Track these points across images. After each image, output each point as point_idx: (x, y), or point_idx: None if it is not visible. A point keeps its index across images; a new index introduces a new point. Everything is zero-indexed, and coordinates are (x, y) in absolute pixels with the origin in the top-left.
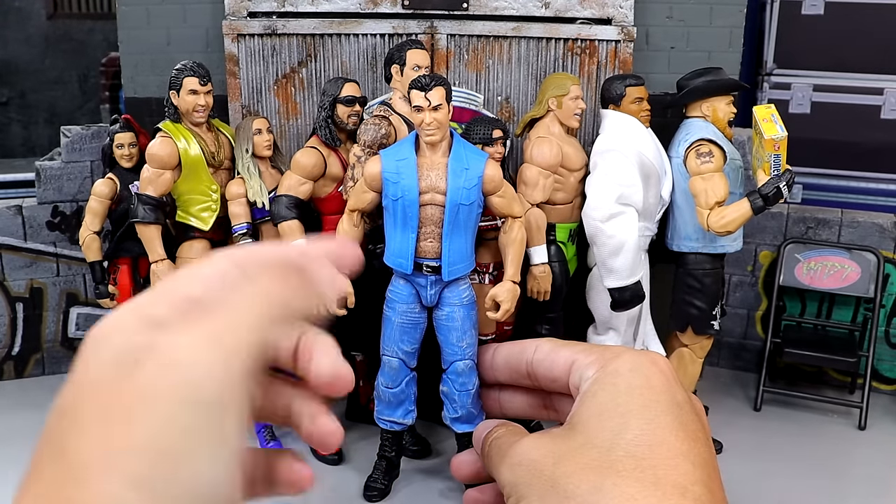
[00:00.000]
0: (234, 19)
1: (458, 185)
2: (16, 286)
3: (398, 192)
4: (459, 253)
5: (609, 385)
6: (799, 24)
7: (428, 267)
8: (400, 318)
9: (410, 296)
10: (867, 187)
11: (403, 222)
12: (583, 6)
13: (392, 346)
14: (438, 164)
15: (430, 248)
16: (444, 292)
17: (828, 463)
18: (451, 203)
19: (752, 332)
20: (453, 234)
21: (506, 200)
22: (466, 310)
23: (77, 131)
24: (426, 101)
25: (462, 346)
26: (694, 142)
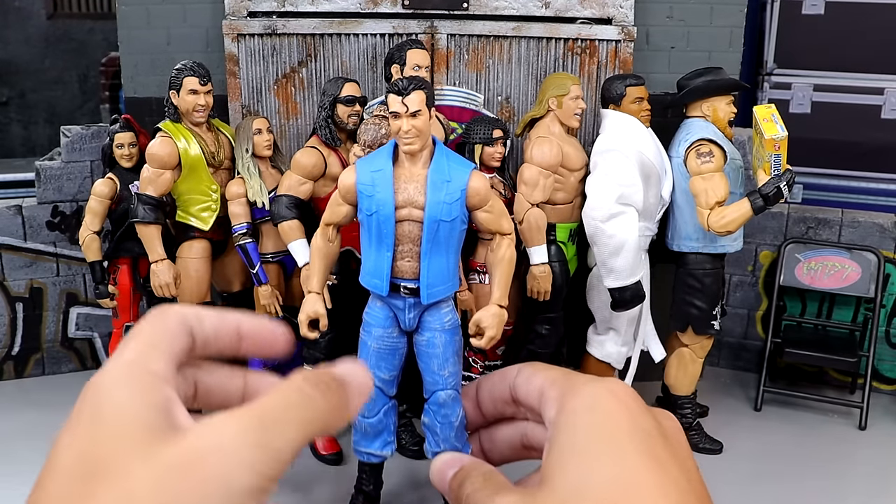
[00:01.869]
0: (234, 19)
1: (438, 200)
2: (16, 286)
3: (373, 207)
4: (440, 274)
5: (568, 427)
6: (799, 24)
7: (405, 288)
8: (377, 343)
9: (388, 319)
10: (868, 187)
11: (378, 239)
12: (583, 6)
13: None
14: (417, 176)
15: (408, 268)
16: (424, 316)
17: (828, 463)
18: (429, 219)
19: (752, 332)
20: (433, 254)
21: (493, 216)
22: (449, 335)
23: (77, 131)
24: (403, 107)
25: (444, 375)
26: (694, 142)
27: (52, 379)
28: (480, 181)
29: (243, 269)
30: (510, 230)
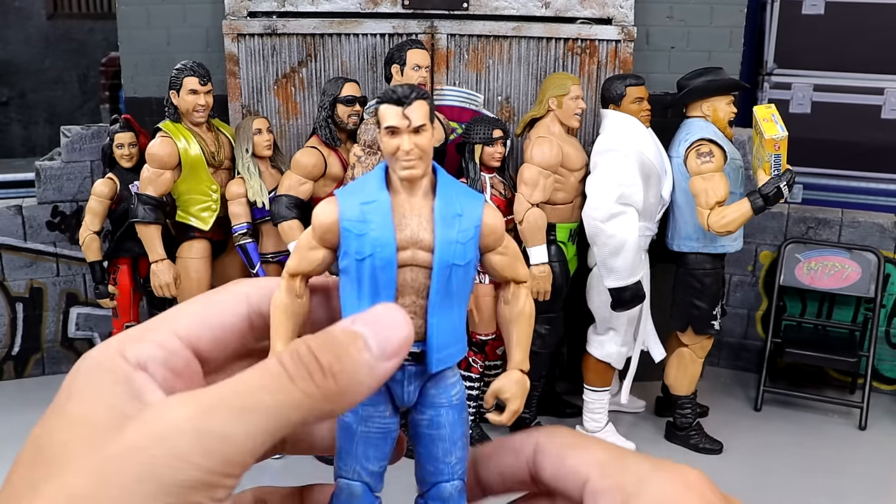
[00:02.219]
0: (234, 19)
1: (450, 238)
2: (16, 286)
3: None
4: (451, 333)
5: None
6: (799, 24)
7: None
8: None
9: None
10: (868, 187)
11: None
12: (583, 6)
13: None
14: (420, 209)
15: None
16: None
17: (828, 463)
18: (440, 263)
19: (752, 332)
20: (443, 307)
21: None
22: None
23: (77, 131)
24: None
25: (450, 463)
26: (694, 142)
27: (52, 379)
28: (496, 216)
29: (243, 269)
30: (526, 276)
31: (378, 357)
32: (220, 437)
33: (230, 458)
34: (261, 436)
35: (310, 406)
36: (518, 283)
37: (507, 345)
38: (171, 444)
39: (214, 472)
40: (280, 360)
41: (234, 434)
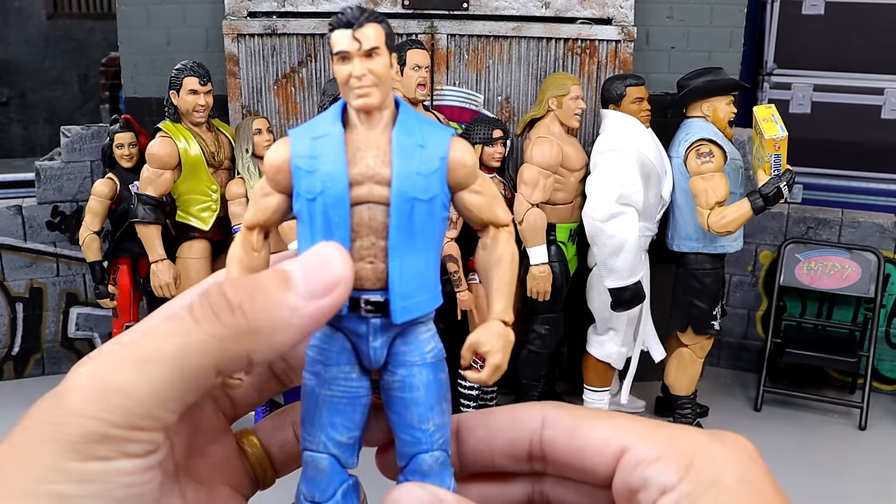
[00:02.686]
0: (234, 19)
1: (409, 170)
2: (16, 286)
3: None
4: (417, 278)
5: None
6: (799, 24)
7: (368, 303)
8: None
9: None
10: (867, 187)
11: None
12: (583, 6)
13: (318, 435)
14: (378, 143)
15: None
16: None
17: (828, 463)
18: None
19: (752, 332)
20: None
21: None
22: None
23: (77, 131)
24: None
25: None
26: (694, 142)
27: (52, 379)
28: (466, 150)
29: None
30: (507, 220)
31: (304, 295)
32: (118, 391)
33: (132, 411)
34: (163, 386)
35: (218, 348)
36: (498, 227)
37: (487, 293)
38: (72, 400)
39: (118, 425)
40: (189, 305)
41: (132, 386)
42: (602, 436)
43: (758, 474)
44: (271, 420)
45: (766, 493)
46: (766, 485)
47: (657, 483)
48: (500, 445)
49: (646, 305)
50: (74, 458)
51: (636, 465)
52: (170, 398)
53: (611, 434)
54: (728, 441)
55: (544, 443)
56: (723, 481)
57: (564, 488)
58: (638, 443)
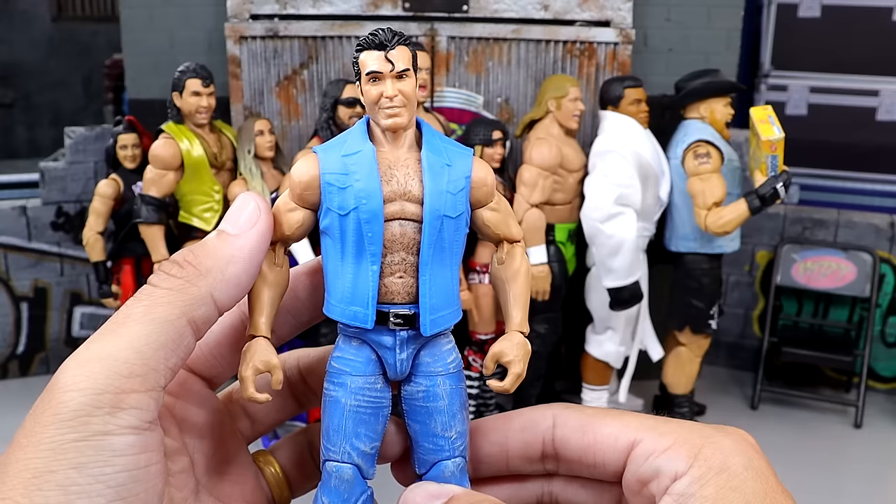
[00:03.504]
0: (237, 22)
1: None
2: (20, 286)
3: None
4: (444, 293)
5: (732, 492)
6: (795, 27)
7: (397, 316)
8: (354, 399)
9: (370, 363)
10: (863, 188)
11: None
12: (582, 8)
13: (341, 445)
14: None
15: (400, 288)
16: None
17: (824, 461)
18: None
19: (749, 331)
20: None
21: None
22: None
23: (81, 132)
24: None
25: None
26: (692, 143)
27: None
28: (486, 169)
29: None
30: (521, 235)
31: (235, 232)
32: (98, 358)
33: (116, 372)
34: (139, 342)
35: (180, 297)
36: (512, 243)
37: (504, 306)
38: (60, 381)
39: (105, 391)
40: (149, 279)
41: (112, 350)
42: (612, 431)
43: (762, 463)
44: (288, 441)
45: (771, 481)
46: (770, 473)
47: (668, 471)
48: (515, 447)
49: (644, 305)
50: (71, 436)
51: (647, 457)
52: (150, 353)
53: (620, 429)
54: (732, 433)
55: (556, 441)
56: (731, 467)
57: (573, 488)
58: (647, 435)
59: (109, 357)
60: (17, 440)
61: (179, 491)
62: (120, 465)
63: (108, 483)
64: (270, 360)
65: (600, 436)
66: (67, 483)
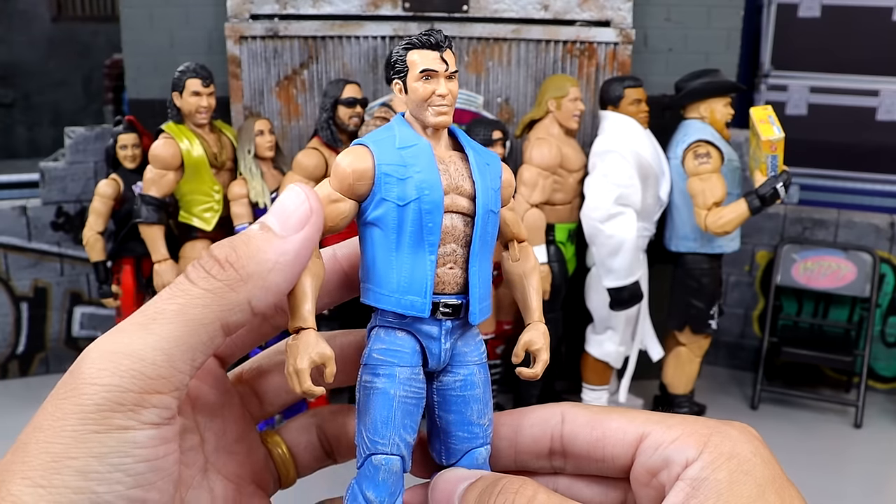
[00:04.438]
0: (237, 21)
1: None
2: (20, 286)
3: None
4: (487, 283)
5: (744, 475)
6: (795, 27)
7: (446, 306)
8: (402, 390)
9: (415, 354)
10: (863, 188)
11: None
12: (582, 8)
13: (391, 437)
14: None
15: (451, 279)
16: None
17: (824, 461)
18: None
19: (749, 331)
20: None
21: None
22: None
23: (81, 132)
24: (442, 64)
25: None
26: (692, 143)
27: (56, 378)
28: (510, 171)
29: None
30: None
31: (282, 234)
32: (126, 354)
33: (144, 373)
34: (169, 344)
35: (217, 301)
36: (521, 241)
37: (525, 299)
38: (85, 372)
39: (131, 390)
40: (183, 272)
41: (140, 348)
42: (620, 426)
43: (768, 452)
44: (296, 422)
45: (777, 469)
46: (775, 462)
47: (679, 459)
48: (524, 442)
49: (644, 305)
50: (93, 428)
51: (657, 448)
52: (179, 356)
53: (628, 424)
54: (737, 425)
55: (565, 437)
56: (740, 453)
57: (579, 486)
58: (655, 428)
59: (136, 355)
60: (37, 421)
61: (188, 468)
62: (140, 456)
63: (128, 472)
64: (325, 352)
65: (609, 430)
66: (87, 470)
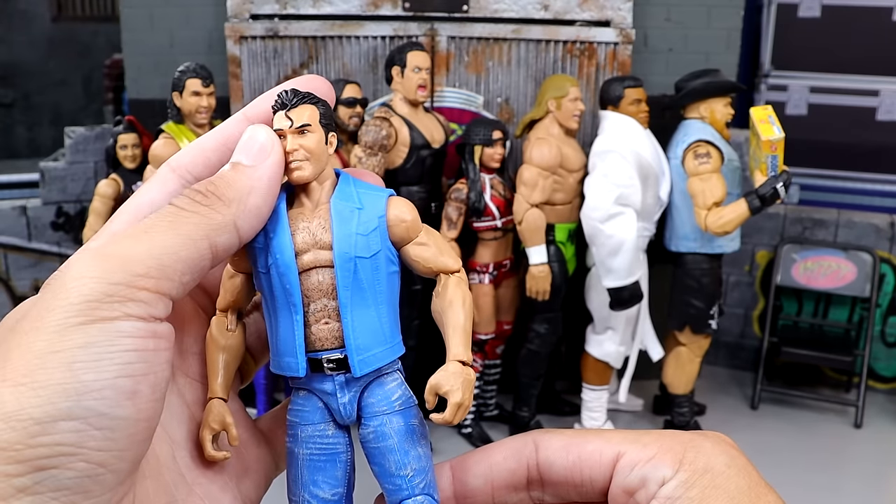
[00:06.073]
0: (237, 21)
1: (349, 231)
2: (21, 286)
3: (266, 260)
4: (371, 332)
5: (716, 490)
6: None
7: (329, 361)
8: (305, 448)
9: (316, 411)
10: (863, 188)
11: (282, 301)
12: (582, 8)
13: (301, 494)
14: (320, 212)
15: (327, 333)
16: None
17: (824, 461)
18: (341, 258)
19: (749, 331)
20: (356, 305)
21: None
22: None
23: (81, 132)
24: (286, 121)
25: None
26: (692, 143)
27: None
28: (404, 206)
29: None
30: (457, 266)
31: (250, 163)
32: (117, 256)
33: (133, 270)
34: (162, 251)
35: (206, 221)
36: (448, 274)
37: (444, 336)
38: (72, 270)
39: (118, 282)
40: (169, 202)
41: (130, 252)
42: (596, 447)
43: (743, 460)
44: (255, 310)
45: (753, 476)
46: (752, 469)
47: (655, 477)
48: (500, 476)
49: (644, 305)
50: (78, 320)
51: (633, 467)
52: (170, 265)
53: (603, 444)
54: (711, 436)
55: (541, 465)
56: (714, 467)
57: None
58: (631, 447)
59: (125, 256)
60: (20, 326)
61: None
62: (127, 344)
63: (114, 360)
64: (224, 419)
65: (584, 453)
66: (72, 360)
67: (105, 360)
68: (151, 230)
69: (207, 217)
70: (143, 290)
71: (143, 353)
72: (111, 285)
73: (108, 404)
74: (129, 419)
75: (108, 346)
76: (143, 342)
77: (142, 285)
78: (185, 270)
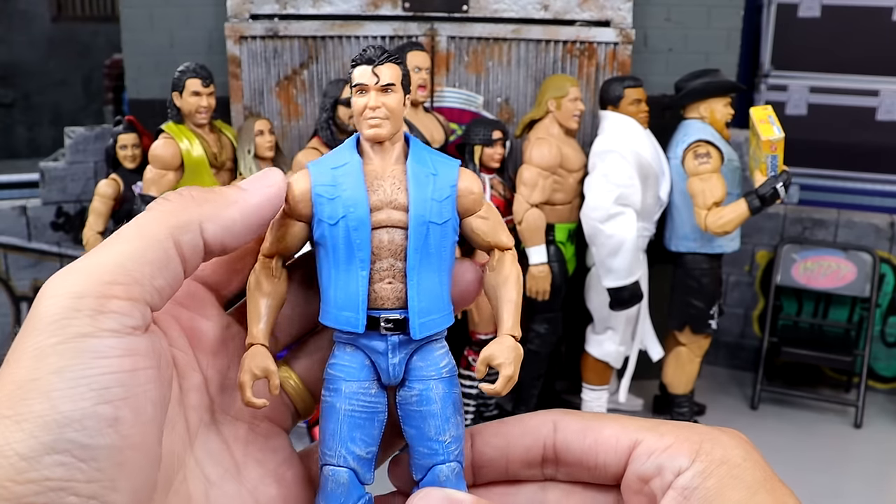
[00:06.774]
0: (237, 21)
1: (425, 196)
2: (20, 286)
3: (338, 212)
4: (433, 297)
5: (733, 480)
6: (795, 27)
7: (387, 321)
8: (348, 404)
9: (363, 369)
10: (863, 188)
11: (348, 255)
12: (582, 8)
13: (337, 449)
14: (393, 172)
15: (390, 293)
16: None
17: (824, 460)
18: (416, 220)
19: (749, 331)
20: (423, 269)
21: (490, 223)
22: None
23: (81, 132)
24: (373, 78)
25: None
26: (692, 143)
27: None
28: (473, 179)
29: None
30: (511, 243)
31: (245, 188)
32: (84, 268)
33: (100, 279)
34: (125, 258)
35: (169, 218)
36: (503, 250)
37: (496, 311)
38: (43, 292)
39: (86, 294)
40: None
41: (99, 261)
42: (613, 433)
43: (757, 455)
44: (304, 350)
45: (768, 471)
46: (767, 465)
47: (671, 467)
48: (516, 451)
49: (644, 305)
50: (52, 340)
51: (649, 455)
52: (136, 268)
53: (621, 431)
54: (727, 430)
55: (557, 445)
56: (731, 459)
57: (570, 495)
58: (648, 436)
59: (95, 266)
60: (6, 359)
61: (194, 411)
62: (102, 366)
63: (91, 386)
64: (268, 367)
65: (601, 437)
66: (49, 389)
67: (82, 387)
68: (117, 239)
69: (173, 215)
70: (112, 298)
71: (119, 375)
72: (79, 299)
73: (89, 434)
74: (112, 448)
75: (83, 371)
76: (118, 363)
77: (111, 293)
78: (156, 273)
